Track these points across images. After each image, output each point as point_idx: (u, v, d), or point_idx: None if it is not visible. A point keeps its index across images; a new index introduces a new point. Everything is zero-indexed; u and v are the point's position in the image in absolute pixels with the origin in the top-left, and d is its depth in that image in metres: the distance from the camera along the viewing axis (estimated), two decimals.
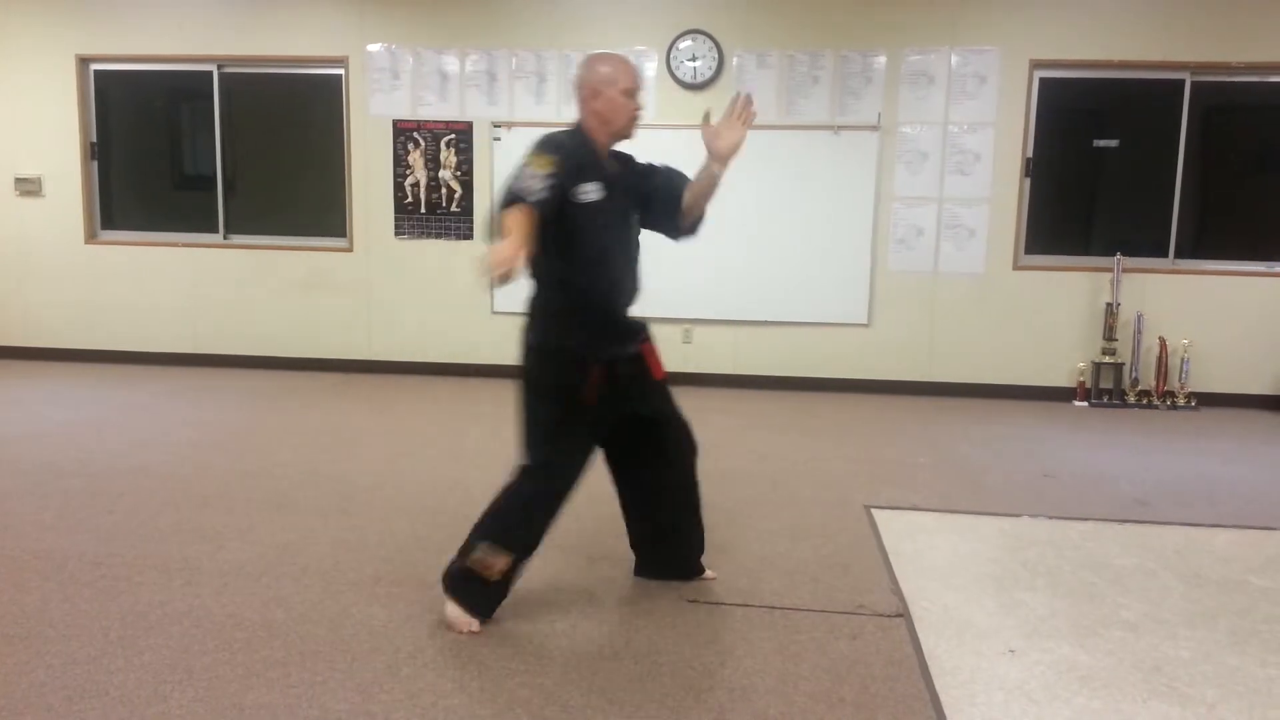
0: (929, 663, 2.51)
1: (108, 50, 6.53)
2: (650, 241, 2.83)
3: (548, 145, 2.54)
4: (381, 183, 6.46)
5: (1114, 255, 5.99)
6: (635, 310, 2.82)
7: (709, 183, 2.71)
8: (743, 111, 2.67)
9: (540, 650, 2.55)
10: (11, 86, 6.60)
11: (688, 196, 2.76)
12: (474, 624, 2.65)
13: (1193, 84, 5.95)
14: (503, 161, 6.27)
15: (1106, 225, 6.28)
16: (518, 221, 2.37)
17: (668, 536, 2.99)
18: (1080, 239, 6.27)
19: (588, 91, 2.66)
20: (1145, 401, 6.05)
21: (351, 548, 3.28)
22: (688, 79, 6.11)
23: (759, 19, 6.07)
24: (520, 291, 2.69)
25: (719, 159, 2.67)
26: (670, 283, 6.20)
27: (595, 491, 3.98)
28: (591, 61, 2.70)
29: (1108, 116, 6.18)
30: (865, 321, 6.23)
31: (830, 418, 5.55)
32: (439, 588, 2.90)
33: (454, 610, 2.66)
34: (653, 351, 2.81)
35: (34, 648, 2.49)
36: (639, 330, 2.80)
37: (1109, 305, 6.00)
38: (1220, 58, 5.85)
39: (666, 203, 2.78)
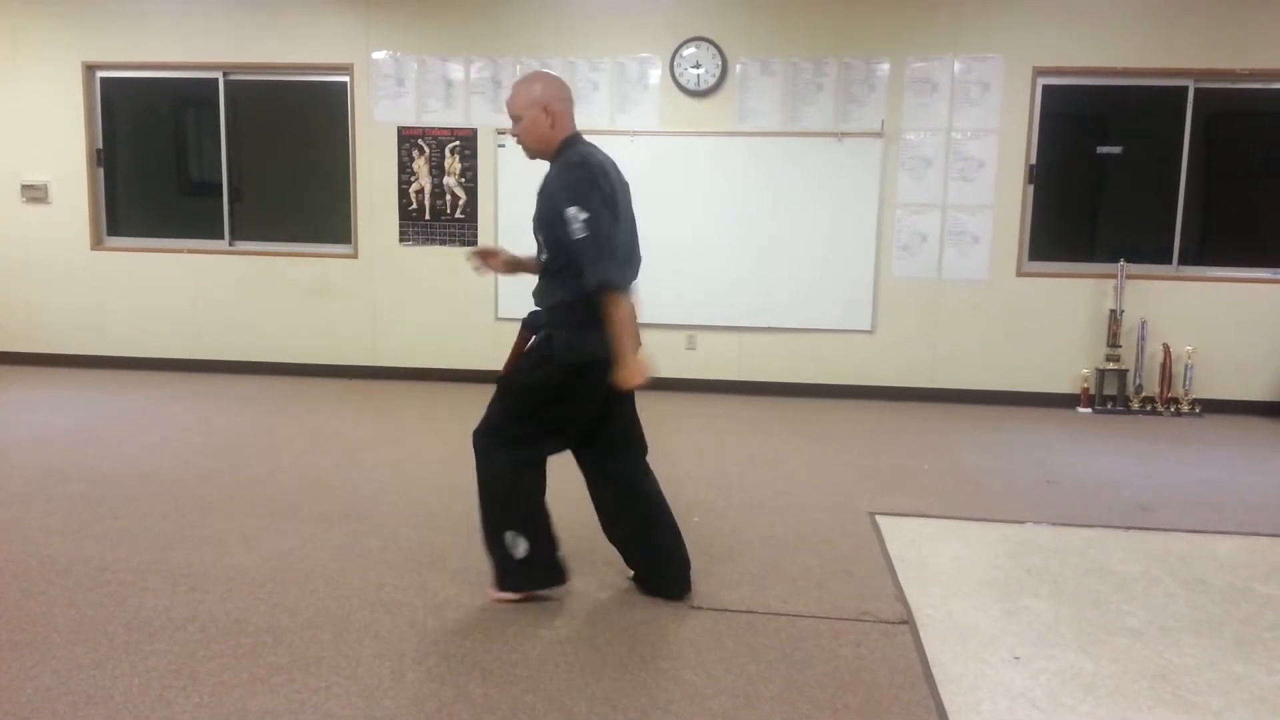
0: (934, 670, 2.51)
1: (114, 58, 6.56)
2: (654, 247, 2.83)
3: None
4: (386, 189, 6.47)
5: (1118, 262, 5.99)
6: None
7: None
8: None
9: (544, 657, 2.55)
10: (19, 93, 6.63)
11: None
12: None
13: (1196, 91, 5.96)
14: (507, 168, 6.29)
15: (1110, 232, 6.28)
16: None
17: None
18: (1084, 246, 6.26)
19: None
20: (1149, 408, 6.04)
21: (356, 553, 3.28)
22: (691, 86, 6.11)
23: (762, 26, 6.08)
24: (525, 298, 2.70)
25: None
26: (674, 289, 6.22)
27: None
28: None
29: (1111, 123, 6.18)
30: (869, 328, 6.24)
31: (834, 424, 5.55)
32: (443, 594, 2.92)
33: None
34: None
35: (39, 653, 2.50)
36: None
37: (1113, 312, 6.00)
38: (1224, 64, 5.85)
39: None
